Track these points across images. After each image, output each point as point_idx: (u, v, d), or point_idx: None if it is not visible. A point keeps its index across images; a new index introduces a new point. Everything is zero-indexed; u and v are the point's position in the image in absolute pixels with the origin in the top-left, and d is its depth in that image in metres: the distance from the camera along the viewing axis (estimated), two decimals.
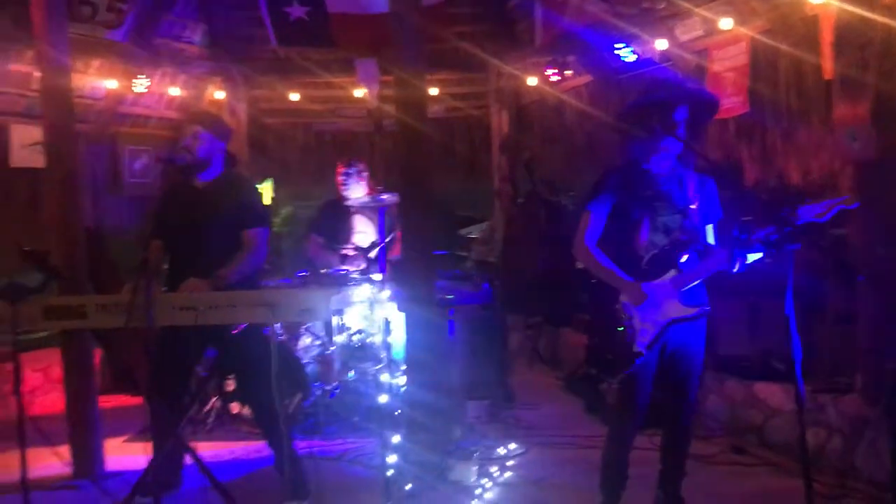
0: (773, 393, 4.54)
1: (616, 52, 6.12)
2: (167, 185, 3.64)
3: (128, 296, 3.08)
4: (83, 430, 4.44)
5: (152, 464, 3.54)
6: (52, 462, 4.39)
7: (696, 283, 3.29)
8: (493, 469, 4.30)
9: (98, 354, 5.63)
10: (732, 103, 5.49)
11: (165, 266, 3.93)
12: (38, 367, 5.99)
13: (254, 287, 3.73)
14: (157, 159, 3.44)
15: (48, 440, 4.28)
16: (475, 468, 4.16)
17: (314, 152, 9.41)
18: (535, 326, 7.47)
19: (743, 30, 5.27)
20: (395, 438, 3.28)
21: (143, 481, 3.62)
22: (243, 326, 3.43)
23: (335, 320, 4.91)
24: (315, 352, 5.49)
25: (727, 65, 5.54)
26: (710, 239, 3.43)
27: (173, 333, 3.60)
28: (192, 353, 3.90)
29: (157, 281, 3.73)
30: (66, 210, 4.38)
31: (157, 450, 3.65)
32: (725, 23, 5.26)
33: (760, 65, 5.27)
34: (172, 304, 3.23)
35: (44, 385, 6.06)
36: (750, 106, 5.37)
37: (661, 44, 5.84)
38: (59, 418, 4.66)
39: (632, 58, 6.11)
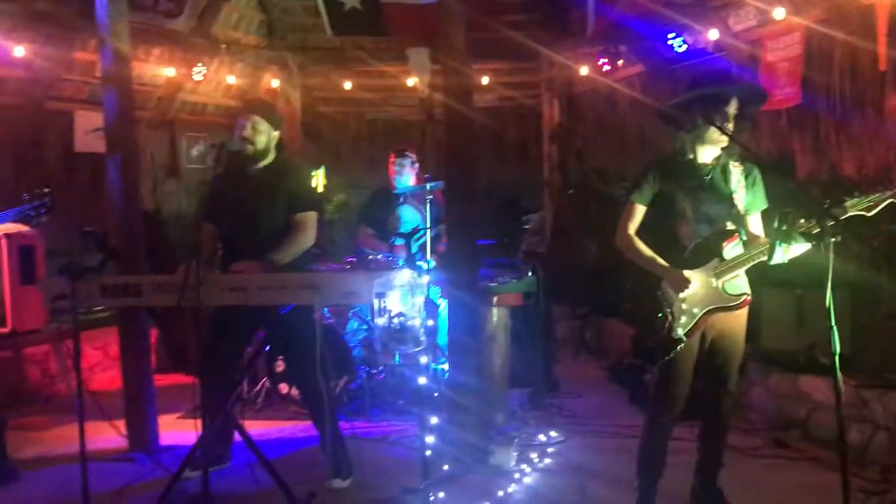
0: (817, 387, 4.49)
1: (668, 42, 6.08)
2: (220, 170, 3.75)
3: (181, 276, 3.21)
4: (139, 406, 4.61)
5: (202, 439, 3.67)
6: (109, 435, 4.58)
7: (738, 272, 3.29)
8: (533, 455, 4.35)
9: (154, 334, 5.82)
10: (785, 94, 5.43)
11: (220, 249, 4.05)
12: (98, 345, 6.23)
13: (302, 270, 3.84)
14: (213, 145, 3.54)
15: (105, 415, 4.47)
16: (515, 453, 4.22)
17: (366, 140, 9.54)
18: (582, 317, 7.48)
19: (797, 19, 5.21)
20: (434, 420, 3.36)
21: (192, 455, 3.77)
22: (291, 307, 3.54)
23: (376, 303, 5.00)
24: (361, 336, 5.60)
25: (781, 55, 5.47)
26: (755, 229, 3.42)
27: (225, 313, 3.73)
28: (243, 333, 4.03)
29: (212, 263, 3.87)
30: (126, 194, 4.54)
31: (206, 426, 3.78)
32: (779, 12, 5.20)
33: (815, 55, 5.20)
34: (223, 284, 3.35)
35: (102, 362, 6.30)
36: (803, 96, 5.30)
37: (714, 34, 5.79)
38: (116, 394, 4.86)
39: (683, 48, 6.06)
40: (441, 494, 3.49)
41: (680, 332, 3.27)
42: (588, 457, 4.40)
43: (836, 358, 2.69)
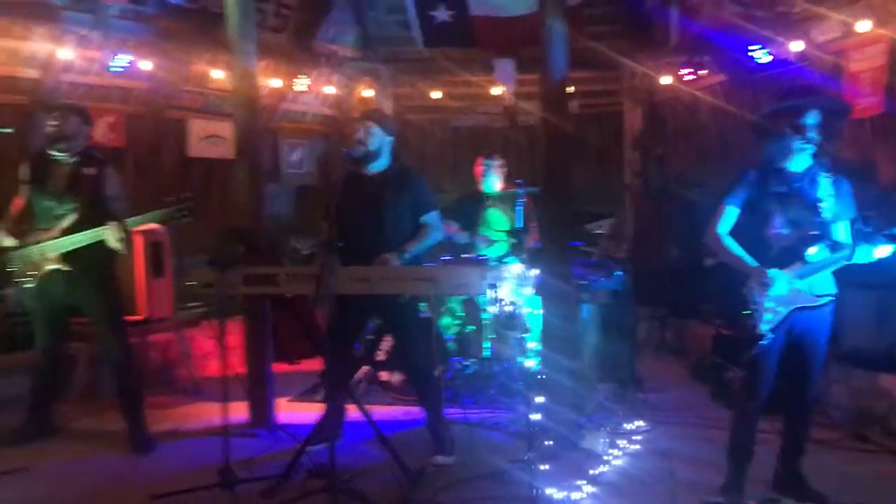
0: None
1: (750, 53, 6.29)
2: (341, 176, 4.19)
3: (316, 268, 3.64)
4: (260, 387, 5.08)
5: (326, 415, 4.09)
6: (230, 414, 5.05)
7: (822, 273, 3.55)
8: (622, 441, 4.65)
9: None
10: (869, 103, 5.58)
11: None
12: (213, 334, 6.74)
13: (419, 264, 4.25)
14: (344, 153, 4.00)
15: (247, 395, 4.93)
16: (604, 439, 4.53)
17: (450, 147, 9.92)
18: (663, 317, 7.70)
19: (882, 31, 5.36)
20: (539, 399, 3.70)
21: (316, 431, 4.20)
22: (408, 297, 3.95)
23: (489, 293, 5.37)
24: (454, 330, 5.99)
25: (864, 65, 5.62)
26: (841, 236, 3.65)
27: (346, 302, 4.15)
28: (362, 321, 4.45)
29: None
30: (252, 196, 5.01)
31: (329, 403, 4.20)
32: (863, 25, 5.36)
33: None
34: (351, 276, 3.78)
35: (216, 350, 6.82)
36: (886, 105, 5.45)
37: (797, 45, 5.97)
38: (228, 379, 5.30)
39: (766, 59, 6.25)
40: (543, 467, 3.82)
41: (764, 328, 3.55)
42: (674, 444, 4.66)
43: None
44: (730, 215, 3.67)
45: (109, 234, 4.43)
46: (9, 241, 4.60)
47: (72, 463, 4.54)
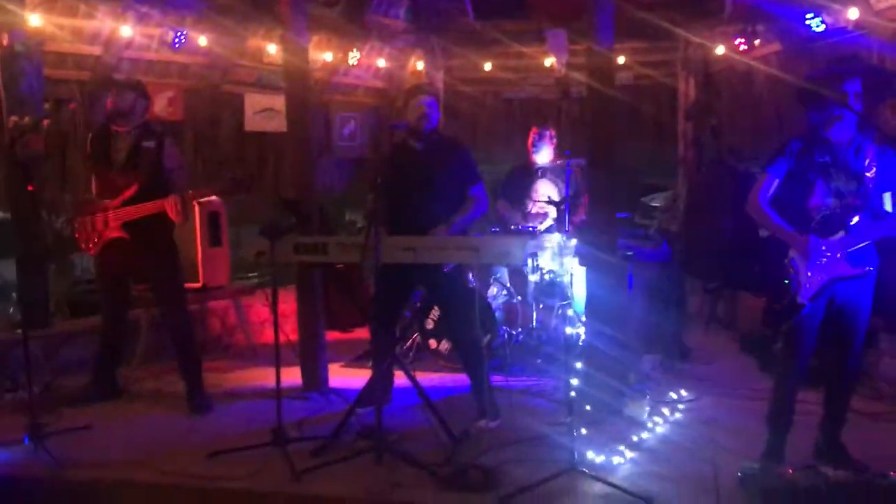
0: None
1: (806, 21, 6.16)
2: (389, 148, 4.28)
3: (363, 237, 3.76)
4: (312, 352, 5.25)
5: (373, 379, 4.23)
6: (283, 378, 5.22)
7: (863, 245, 3.53)
8: (665, 410, 4.69)
9: None
10: None
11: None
12: (268, 302, 6.94)
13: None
14: (392, 126, 4.09)
15: (297, 358, 5.09)
16: (647, 407, 4.57)
17: (503, 118, 9.93)
18: (712, 290, 7.64)
19: None
20: (579, 364, 3.76)
21: (364, 394, 4.35)
22: (451, 266, 4.04)
23: (530, 262, 5.44)
24: (502, 300, 6.07)
25: None
26: (887, 207, 3.61)
27: (392, 271, 4.26)
28: (408, 289, 4.57)
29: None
30: (302, 168, 5.15)
31: (376, 368, 4.33)
32: None
33: None
34: (396, 245, 3.89)
35: (271, 317, 7.03)
36: None
37: (854, 13, 5.83)
38: (281, 345, 5.49)
39: (822, 27, 6.12)
40: (584, 431, 3.90)
41: (803, 297, 3.55)
42: (718, 413, 4.68)
43: None
44: (771, 184, 3.67)
45: (169, 205, 4.61)
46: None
47: (133, 421, 4.78)
